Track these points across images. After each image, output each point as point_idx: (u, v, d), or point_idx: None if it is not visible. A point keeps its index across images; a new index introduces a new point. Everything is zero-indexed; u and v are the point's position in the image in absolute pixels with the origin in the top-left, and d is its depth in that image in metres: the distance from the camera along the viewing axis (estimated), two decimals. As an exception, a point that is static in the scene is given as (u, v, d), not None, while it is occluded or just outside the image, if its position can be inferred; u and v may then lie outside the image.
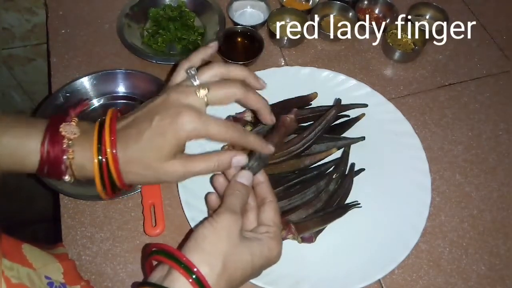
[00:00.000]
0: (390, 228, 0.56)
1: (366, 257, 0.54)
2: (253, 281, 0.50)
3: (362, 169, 0.61)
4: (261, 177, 0.47)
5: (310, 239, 0.54)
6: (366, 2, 0.80)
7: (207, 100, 0.42)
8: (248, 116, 0.60)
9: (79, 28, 0.76)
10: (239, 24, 0.74)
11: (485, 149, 0.66)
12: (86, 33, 0.75)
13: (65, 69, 0.70)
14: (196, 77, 0.43)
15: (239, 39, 0.74)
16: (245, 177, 0.45)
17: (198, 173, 0.43)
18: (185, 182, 0.57)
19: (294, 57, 0.74)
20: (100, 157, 0.40)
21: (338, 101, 0.62)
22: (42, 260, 0.45)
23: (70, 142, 0.40)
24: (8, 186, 1.03)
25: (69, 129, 0.40)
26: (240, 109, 0.59)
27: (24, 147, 0.40)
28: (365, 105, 0.65)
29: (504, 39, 0.80)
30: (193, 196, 0.56)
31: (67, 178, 0.41)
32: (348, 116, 0.65)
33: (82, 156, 0.41)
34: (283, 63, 0.73)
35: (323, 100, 0.64)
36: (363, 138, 0.62)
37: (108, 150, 0.40)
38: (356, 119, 0.64)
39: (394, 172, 0.61)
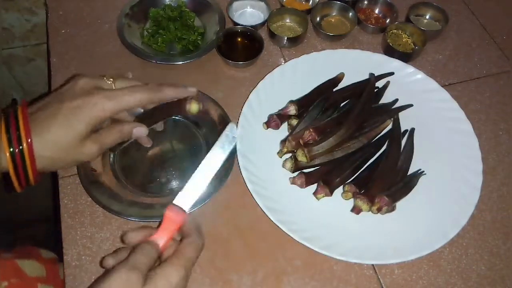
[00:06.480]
0: (441, 205, 0.59)
1: (419, 231, 0.56)
2: (309, 245, 0.53)
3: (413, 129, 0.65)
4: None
5: (393, 208, 0.57)
6: (366, 2, 0.80)
7: (115, 86, 0.45)
8: (292, 110, 0.61)
9: (79, 28, 0.76)
10: (239, 24, 0.74)
11: (485, 149, 0.66)
12: (86, 33, 0.75)
13: (65, 69, 0.70)
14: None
15: (239, 39, 0.74)
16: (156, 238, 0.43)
17: (110, 145, 0.46)
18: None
19: (294, 57, 0.74)
20: (12, 149, 0.39)
21: (372, 75, 0.67)
22: None
23: None
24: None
25: None
26: (281, 106, 0.63)
27: None
28: (392, 73, 0.69)
29: (504, 39, 0.80)
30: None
31: None
32: (378, 87, 0.69)
33: None
34: (283, 63, 0.73)
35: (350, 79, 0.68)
36: (411, 105, 0.67)
37: (24, 139, 0.39)
38: (384, 87, 0.68)
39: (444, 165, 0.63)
